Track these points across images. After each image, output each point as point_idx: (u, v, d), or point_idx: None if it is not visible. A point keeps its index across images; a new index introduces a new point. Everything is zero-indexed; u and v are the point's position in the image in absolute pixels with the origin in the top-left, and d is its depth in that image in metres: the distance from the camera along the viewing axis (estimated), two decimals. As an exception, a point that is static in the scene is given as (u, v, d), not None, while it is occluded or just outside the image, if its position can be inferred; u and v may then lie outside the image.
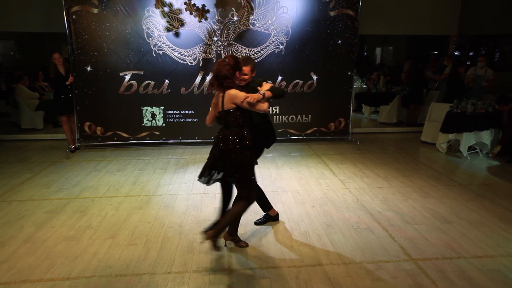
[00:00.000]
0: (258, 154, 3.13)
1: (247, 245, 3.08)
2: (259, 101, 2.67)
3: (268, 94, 2.78)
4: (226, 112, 2.71)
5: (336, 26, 6.16)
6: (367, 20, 6.73)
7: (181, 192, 4.32)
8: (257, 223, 3.49)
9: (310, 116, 6.53)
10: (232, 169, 2.70)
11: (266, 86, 2.87)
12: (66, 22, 5.61)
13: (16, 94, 7.70)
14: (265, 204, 3.47)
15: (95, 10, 5.65)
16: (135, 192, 4.32)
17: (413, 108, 7.93)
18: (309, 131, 6.61)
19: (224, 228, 2.78)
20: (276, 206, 3.91)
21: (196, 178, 2.90)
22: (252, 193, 2.84)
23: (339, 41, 6.23)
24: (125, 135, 6.21)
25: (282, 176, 4.86)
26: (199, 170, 2.75)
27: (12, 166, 5.31)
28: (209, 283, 2.61)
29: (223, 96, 2.68)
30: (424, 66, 7.90)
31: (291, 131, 6.56)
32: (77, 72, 5.83)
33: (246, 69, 2.95)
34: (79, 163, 5.49)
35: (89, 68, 5.84)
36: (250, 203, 2.83)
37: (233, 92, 2.65)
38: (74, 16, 5.62)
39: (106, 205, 3.94)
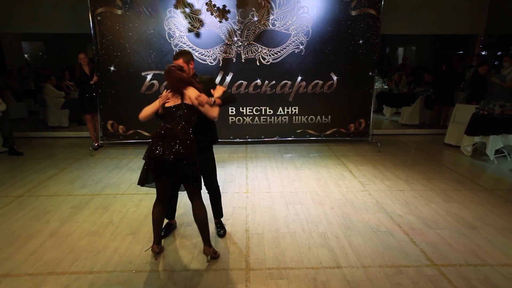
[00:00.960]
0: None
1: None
2: (209, 104, 2.73)
3: (218, 101, 2.81)
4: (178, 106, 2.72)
5: (358, 26, 6.07)
6: (390, 19, 6.60)
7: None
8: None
9: (329, 116, 6.47)
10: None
11: (219, 91, 2.85)
12: (91, 23, 5.77)
13: (44, 93, 7.98)
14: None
15: (119, 12, 5.79)
16: (155, 190, 4.38)
17: (438, 109, 7.70)
18: (328, 132, 6.54)
19: (207, 235, 2.83)
20: (295, 206, 3.90)
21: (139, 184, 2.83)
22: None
23: (360, 41, 6.14)
24: (145, 133, 6.33)
25: (301, 177, 4.84)
26: (218, 168, 2.76)
27: (40, 162, 5.51)
28: (227, 282, 2.62)
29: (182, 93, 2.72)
30: (449, 66, 7.62)
31: (310, 131, 6.51)
32: (101, 72, 5.99)
33: (178, 62, 2.88)
34: (101, 160, 5.64)
35: (112, 68, 5.99)
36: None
37: (192, 89, 2.72)
38: (99, 18, 5.78)
39: (127, 202, 4.03)
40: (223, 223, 3.42)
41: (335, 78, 6.28)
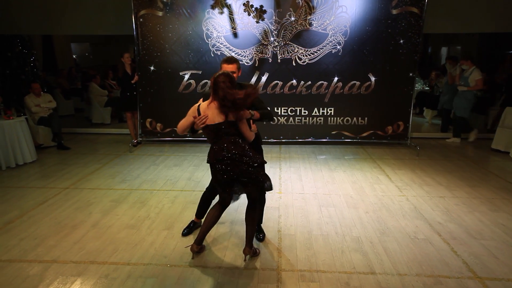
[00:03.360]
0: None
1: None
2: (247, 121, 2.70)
3: (257, 116, 2.79)
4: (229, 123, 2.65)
5: (398, 25, 5.86)
6: (433, 17, 6.28)
7: (233, 189, 4.41)
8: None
9: (366, 118, 6.30)
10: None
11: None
12: (134, 25, 6.02)
13: (89, 92, 8.45)
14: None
15: (160, 13, 5.99)
16: (190, 187, 4.51)
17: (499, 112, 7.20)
18: (364, 134, 6.37)
19: (252, 237, 2.84)
20: (328, 208, 3.84)
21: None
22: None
23: (401, 41, 5.92)
24: (182, 132, 6.50)
25: (335, 179, 4.75)
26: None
27: (84, 157, 5.83)
28: (258, 281, 2.64)
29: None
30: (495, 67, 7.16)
31: (346, 133, 6.38)
32: (142, 71, 6.23)
33: (231, 67, 2.84)
34: (140, 157, 5.87)
35: (152, 68, 6.21)
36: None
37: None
38: (141, 19, 6.02)
39: (163, 198, 4.17)
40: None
41: (373, 79, 6.11)
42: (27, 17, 6.99)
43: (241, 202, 4.00)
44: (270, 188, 2.75)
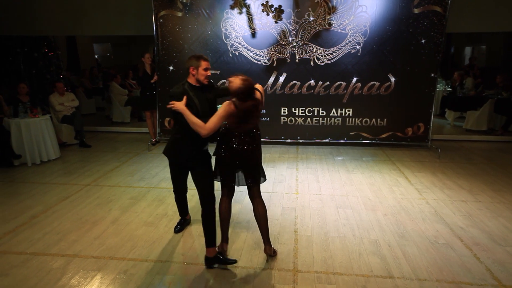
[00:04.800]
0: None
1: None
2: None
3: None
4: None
5: (420, 25, 5.73)
6: (457, 16, 6.10)
7: (249, 189, 4.42)
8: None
9: (385, 119, 6.19)
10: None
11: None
12: (154, 26, 6.12)
13: (110, 91, 8.65)
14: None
15: (179, 14, 6.07)
16: (207, 186, 4.53)
17: None
18: (383, 136, 6.26)
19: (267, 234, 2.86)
20: (345, 210, 3.80)
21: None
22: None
23: (423, 41, 5.79)
24: (200, 131, 6.55)
25: (353, 181, 4.69)
26: (268, 168, 2.77)
27: (105, 155, 5.98)
28: (273, 281, 2.63)
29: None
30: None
31: (364, 134, 6.28)
32: (161, 71, 6.33)
33: (206, 63, 2.79)
34: (158, 155, 5.96)
35: (171, 68, 6.30)
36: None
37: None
38: (161, 20, 6.11)
39: (181, 196, 4.21)
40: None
41: (393, 79, 6.00)
42: (52, 18, 7.23)
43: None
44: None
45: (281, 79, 6.15)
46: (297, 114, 6.30)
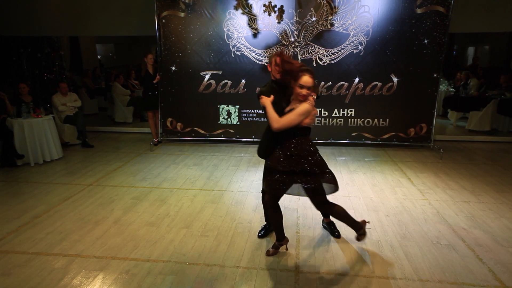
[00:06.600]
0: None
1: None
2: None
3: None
4: None
5: (423, 25, 5.71)
6: (460, 16, 6.08)
7: (252, 190, 4.43)
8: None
9: (387, 120, 6.17)
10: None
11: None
12: (156, 26, 6.14)
13: (113, 91, 8.67)
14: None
15: (182, 14, 6.08)
16: (209, 187, 4.55)
17: None
18: (385, 136, 6.25)
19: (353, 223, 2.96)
20: (347, 211, 3.78)
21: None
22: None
23: (425, 41, 5.77)
24: (202, 131, 6.58)
25: (355, 181, 4.68)
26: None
27: (107, 155, 5.99)
28: (275, 282, 2.63)
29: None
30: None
31: (366, 135, 6.27)
32: (163, 71, 6.34)
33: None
34: (160, 155, 5.97)
35: (173, 68, 6.31)
36: None
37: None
38: (163, 20, 6.13)
39: (182, 197, 4.22)
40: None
41: (395, 80, 5.98)
42: (55, 19, 7.26)
43: (259, 202, 4.01)
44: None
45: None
46: (299, 114, 6.28)
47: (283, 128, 2.60)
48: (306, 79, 2.57)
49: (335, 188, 2.79)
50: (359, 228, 2.95)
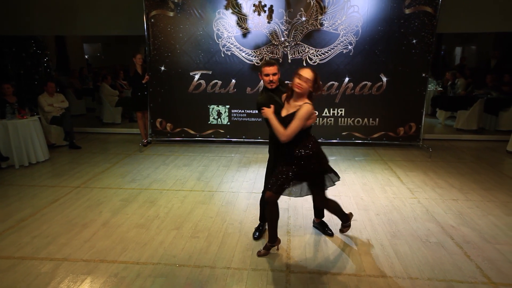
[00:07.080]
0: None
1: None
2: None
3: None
4: None
5: (411, 25, 5.77)
6: (448, 17, 6.16)
7: (242, 190, 4.41)
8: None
9: (377, 119, 6.22)
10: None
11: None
12: (145, 25, 6.07)
13: (100, 92, 8.55)
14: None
15: (171, 14, 6.03)
16: (199, 187, 4.51)
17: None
18: (375, 135, 6.30)
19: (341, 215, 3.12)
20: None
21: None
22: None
23: (414, 41, 5.83)
24: (192, 132, 6.53)
25: (345, 181, 4.70)
26: (260, 169, 2.77)
27: (95, 156, 5.90)
28: (266, 282, 2.62)
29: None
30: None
31: (356, 134, 6.31)
32: (152, 71, 6.27)
33: (272, 68, 2.91)
34: (150, 156, 5.91)
35: (163, 68, 6.25)
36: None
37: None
38: (152, 20, 6.06)
39: (172, 198, 4.18)
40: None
41: (384, 79, 6.03)
42: (41, 18, 7.11)
43: (250, 202, 3.99)
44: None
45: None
46: (289, 114, 6.29)
47: (291, 138, 2.68)
48: (306, 71, 2.85)
49: (337, 179, 2.95)
50: (347, 220, 3.17)
